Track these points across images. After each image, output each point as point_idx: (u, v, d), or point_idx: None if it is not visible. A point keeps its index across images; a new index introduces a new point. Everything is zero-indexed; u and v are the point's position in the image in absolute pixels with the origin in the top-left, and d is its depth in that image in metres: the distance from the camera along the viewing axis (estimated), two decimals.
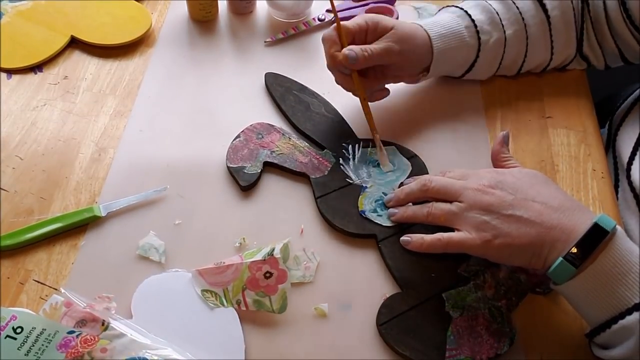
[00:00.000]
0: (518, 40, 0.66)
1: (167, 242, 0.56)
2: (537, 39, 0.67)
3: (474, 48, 0.65)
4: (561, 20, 0.66)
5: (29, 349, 0.47)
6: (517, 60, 0.68)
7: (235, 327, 0.51)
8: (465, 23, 0.64)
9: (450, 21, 0.64)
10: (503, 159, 0.56)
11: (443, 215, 0.53)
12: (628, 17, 0.62)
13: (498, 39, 0.65)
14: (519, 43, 0.67)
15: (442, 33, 0.63)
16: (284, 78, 0.69)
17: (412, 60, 0.63)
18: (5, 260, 0.54)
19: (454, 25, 0.64)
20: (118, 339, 0.48)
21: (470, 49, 0.65)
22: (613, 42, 0.67)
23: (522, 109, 0.69)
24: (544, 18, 0.66)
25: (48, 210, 0.58)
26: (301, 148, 0.63)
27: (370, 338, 0.51)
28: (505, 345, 0.50)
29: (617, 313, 0.45)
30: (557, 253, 0.47)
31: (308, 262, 0.55)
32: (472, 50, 0.65)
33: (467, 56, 0.66)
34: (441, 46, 0.63)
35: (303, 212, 0.59)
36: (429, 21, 0.64)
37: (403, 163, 0.62)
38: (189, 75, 0.71)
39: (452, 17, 0.65)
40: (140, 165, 0.62)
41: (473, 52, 0.65)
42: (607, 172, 0.64)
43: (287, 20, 0.77)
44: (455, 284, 0.53)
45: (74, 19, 0.73)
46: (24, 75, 0.69)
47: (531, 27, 0.66)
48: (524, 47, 0.67)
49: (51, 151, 0.62)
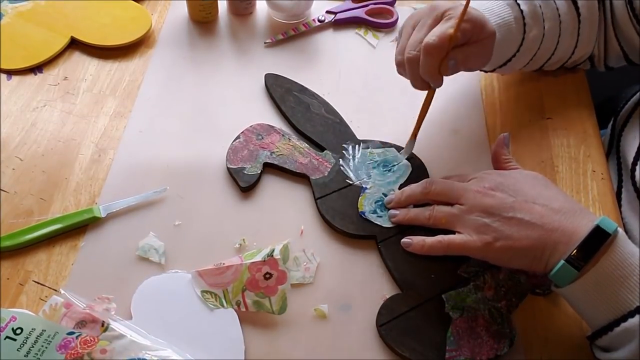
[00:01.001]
0: (551, 37, 0.64)
1: (166, 243, 0.56)
2: (566, 37, 0.65)
3: (517, 42, 0.61)
4: (588, 19, 0.65)
5: (29, 350, 0.47)
6: (544, 57, 0.66)
7: (235, 328, 0.51)
8: (515, 14, 0.60)
9: (502, 10, 0.60)
10: (504, 160, 0.56)
11: (444, 217, 0.53)
12: (635, 15, 0.62)
13: (536, 34, 0.62)
14: (551, 40, 0.64)
15: (499, 23, 0.59)
16: (284, 79, 0.69)
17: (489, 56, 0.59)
18: (5, 261, 0.54)
19: (506, 16, 0.59)
20: (118, 340, 0.48)
21: (513, 42, 0.61)
22: (617, 43, 0.66)
23: (522, 110, 0.69)
24: (575, 16, 0.64)
25: (48, 211, 0.57)
26: (301, 149, 0.63)
27: (370, 339, 0.51)
28: (505, 346, 0.50)
29: (619, 316, 0.45)
30: (559, 256, 0.47)
31: (308, 263, 0.55)
32: (515, 44, 0.61)
33: (508, 50, 0.62)
34: (498, 37, 0.58)
35: (303, 213, 0.59)
36: (483, 8, 0.59)
37: (403, 164, 0.62)
38: (189, 76, 0.71)
39: (502, 5, 0.60)
40: (140, 166, 0.62)
41: (515, 46, 0.61)
42: (607, 173, 0.64)
43: (287, 21, 0.77)
44: (455, 285, 0.53)
45: (74, 20, 0.73)
46: (24, 76, 0.69)
47: (563, 24, 0.64)
48: (554, 44, 0.65)
49: (51, 152, 0.62)
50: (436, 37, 0.52)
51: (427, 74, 0.54)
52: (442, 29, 0.53)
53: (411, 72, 0.56)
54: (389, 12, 0.79)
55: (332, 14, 0.77)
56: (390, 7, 0.79)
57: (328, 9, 0.78)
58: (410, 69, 0.55)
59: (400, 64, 0.57)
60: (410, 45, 0.55)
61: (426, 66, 0.53)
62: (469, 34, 0.54)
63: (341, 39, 0.77)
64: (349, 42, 0.76)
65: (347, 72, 0.72)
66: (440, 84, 0.56)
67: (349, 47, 0.76)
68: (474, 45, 0.55)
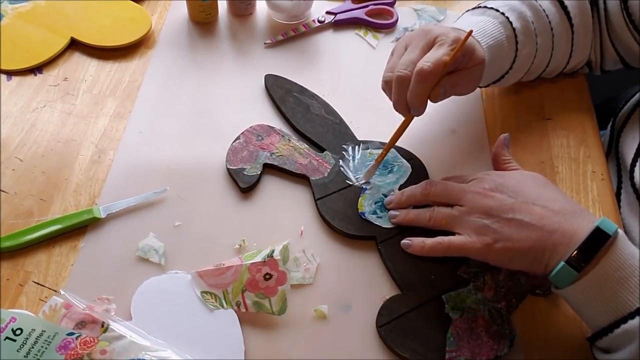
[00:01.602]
0: (544, 50, 0.64)
1: (166, 243, 0.56)
2: (560, 48, 0.65)
3: (510, 59, 0.61)
4: (582, 27, 0.65)
5: (29, 350, 0.47)
6: (539, 69, 0.66)
7: (235, 329, 0.51)
8: (507, 32, 0.60)
9: (494, 29, 0.59)
10: (504, 161, 0.56)
11: (444, 219, 0.53)
12: (631, 21, 0.62)
13: (530, 50, 0.62)
14: (545, 53, 0.64)
15: (490, 44, 0.58)
16: (283, 80, 0.69)
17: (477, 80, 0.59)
18: (5, 262, 0.54)
19: (498, 35, 0.59)
20: (117, 340, 0.48)
21: (506, 60, 0.61)
22: (613, 49, 0.66)
23: (522, 110, 0.69)
24: (568, 26, 0.64)
25: (48, 211, 0.57)
26: (301, 150, 0.63)
27: (370, 340, 0.51)
28: (505, 346, 0.50)
29: (619, 317, 0.45)
30: (559, 257, 0.47)
31: (308, 264, 0.55)
32: (508, 61, 0.61)
33: (502, 67, 0.61)
34: (489, 58, 0.58)
35: (303, 214, 0.59)
36: (476, 29, 0.58)
37: (403, 165, 0.62)
38: (188, 77, 0.71)
39: (494, 23, 0.59)
40: (140, 167, 0.62)
41: (508, 63, 0.61)
42: (606, 174, 0.64)
43: (287, 22, 0.77)
44: (455, 285, 0.53)
45: (74, 21, 0.73)
46: (24, 77, 0.69)
47: (556, 36, 0.64)
48: (548, 56, 0.65)
49: (51, 153, 0.62)
50: (431, 64, 0.52)
51: (415, 98, 0.53)
52: (437, 56, 0.52)
53: (398, 92, 0.54)
54: (388, 13, 0.79)
55: (332, 14, 0.77)
56: (390, 8, 0.79)
57: (328, 9, 0.78)
58: (398, 88, 0.54)
59: (387, 82, 0.56)
60: (401, 64, 0.54)
61: (416, 91, 0.52)
62: (458, 62, 0.54)
63: (341, 39, 0.77)
64: (349, 43, 0.76)
65: (347, 73, 0.73)
66: (422, 112, 0.55)
67: (349, 47, 0.76)
68: (462, 73, 0.55)
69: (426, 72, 0.51)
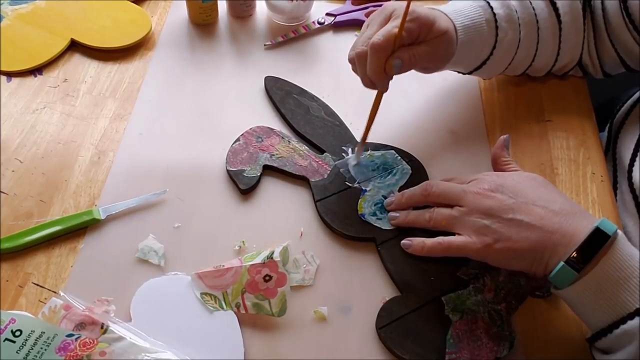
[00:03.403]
0: (529, 43, 0.64)
1: (166, 245, 0.56)
2: (546, 43, 0.65)
3: (489, 44, 0.61)
4: (572, 26, 0.65)
5: (28, 352, 0.47)
6: (524, 62, 0.66)
7: (235, 331, 0.51)
8: (487, 16, 0.60)
9: (472, 11, 0.59)
10: (503, 162, 0.56)
11: (444, 220, 0.53)
12: (631, 22, 0.62)
13: (512, 38, 0.62)
14: (530, 45, 0.64)
15: (465, 24, 0.58)
16: (283, 81, 0.69)
17: (444, 56, 0.59)
18: (5, 263, 0.54)
19: (476, 17, 0.59)
20: (117, 342, 0.48)
21: (485, 44, 0.61)
22: (613, 50, 0.66)
23: (522, 112, 0.69)
24: (555, 22, 0.64)
25: (47, 213, 0.57)
26: (301, 151, 0.63)
27: (369, 341, 0.51)
28: (505, 348, 0.50)
29: (619, 318, 0.45)
30: (559, 258, 0.47)
31: (307, 265, 0.55)
32: (488, 46, 0.61)
33: (481, 52, 0.62)
34: (464, 38, 0.58)
35: (303, 216, 0.59)
36: (453, 9, 0.59)
37: (402, 167, 0.62)
38: (188, 79, 0.71)
39: (474, 6, 0.60)
40: (140, 169, 0.62)
41: (488, 48, 0.61)
42: (606, 176, 0.64)
43: (287, 23, 0.77)
44: (454, 287, 0.53)
45: (74, 22, 0.73)
46: (24, 78, 0.69)
47: (543, 31, 0.64)
48: (533, 50, 0.65)
49: (51, 154, 0.62)
50: (381, 37, 0.53)
51: (373, 73, 0.54)
52: (387, 29, 0.53)
53: (360, 69, 0.56)
54: None
55: (332, 16, 0.78)
56: None
57: (328, 11, 0.78)
58: (359, 65, 0.56)
59: (351, 60, 0.58)
60: (359, 42, 0.56)
61: (372, 65, 0.54)
62: (415, 34, 0.54)
63: (341, 41, 0.77)
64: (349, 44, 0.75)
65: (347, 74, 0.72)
66: (383, 85, 0.56)
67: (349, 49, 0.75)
68: (422, 45, 0.55)
69: (376, 45, 0.53)
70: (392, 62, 0.53)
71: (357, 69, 0.57)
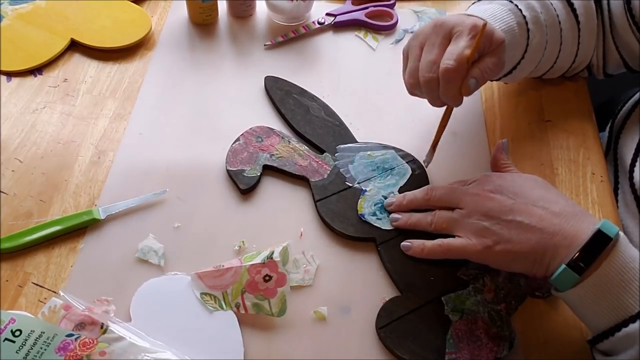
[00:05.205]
0: (553, 44, 0.63)
1: (166, 245, 0.56)
2: (568, 44, 0.64)
3: (521, 48, 0.59)
4: (587, 27, 0.64)
5: (28, 352, 0.47)
6: (547, 64, 0.65)
7: (235, 331, 0.51)
8: (518, 19, 0.58)
9: (505, 15, 0.57)
10: (502, 165, 0.56)
11: (445, 222, 0.53)
12: (634, 23, 0.61)
13: (540, 40, 0.60)
14: (554, 47, 0.63)
15: (503, 29, 0.56)
16: (283, 81, 0.69)
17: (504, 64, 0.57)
18: (4, 263, 0.54)
19: (510, 21, 0.57)
20: (117, 342, 0.48)
21: (518, 48, 0.59)
22: (616, 51, 0.66)
23: (522, 112, 0.69)
24: (574, 23, 0.63)
25: (47, 213, 0.57)
26: (301, 151, 0.63)
27: (369, 341, 0.51)
28: (505, 348, 0.50)
29: (621, 321, 0.45)
30: (560, 260, 0.47)
31: (307, 266, 0.55)
32: (520, 50, 0.59)
33: (513, 56, 0.59)
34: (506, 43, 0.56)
35: (302, 216, 0.59)
36: (485, 14, 0.57)
37: (403, 167, 0.62)
38: (188, 79, 0.71)
39: (503, 10, 0.58)
40: (140, 168, 0.62)
41: (520, 52, 0.59)
42: (606, 176, 0.64)
43: (287, 23, 0.77)
44: (454, 287, 0.53)
45: (74, 22, 0.73)
46: (24, 78, 0.69)
47: (564, 32, 0.63)
48: (557, 51, 0.64)
49: (51, 154, 0.62)
50: (454, 61, 0.50)
51: (448, 97, 0.52)
52: (457, 50, 0.50)
53: (430, 95, 0.53)
54: (388, 15, 0.79)
55: (332, 16, 0.78)
56: (390, 9, 0.79)
57: (328, 11, 0.78)
58: (428, 91, 0.53)
59: (414, 86, 0.54)
60: (424, 68, 0.52)
61: (447, 91, 0.51)
62: (481, 47, 0.52)
63: (341, 41, 0.77)
64: (349, 45, 0.76)
65: (347, 74, 0.73)
66: (460, 103, 0.54)
67: (349, 49, 0.76)
68: (487, 57, 0.53)
69: (451, 70, 0.50)
70: (468, 82, 0.51)
71: (425, 94, 0.54)
